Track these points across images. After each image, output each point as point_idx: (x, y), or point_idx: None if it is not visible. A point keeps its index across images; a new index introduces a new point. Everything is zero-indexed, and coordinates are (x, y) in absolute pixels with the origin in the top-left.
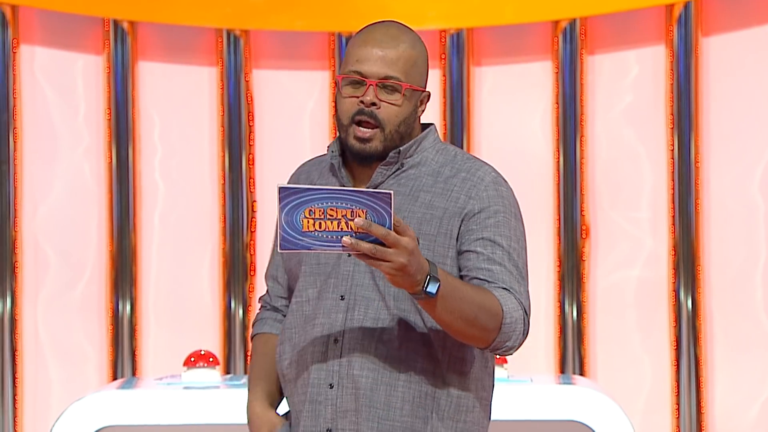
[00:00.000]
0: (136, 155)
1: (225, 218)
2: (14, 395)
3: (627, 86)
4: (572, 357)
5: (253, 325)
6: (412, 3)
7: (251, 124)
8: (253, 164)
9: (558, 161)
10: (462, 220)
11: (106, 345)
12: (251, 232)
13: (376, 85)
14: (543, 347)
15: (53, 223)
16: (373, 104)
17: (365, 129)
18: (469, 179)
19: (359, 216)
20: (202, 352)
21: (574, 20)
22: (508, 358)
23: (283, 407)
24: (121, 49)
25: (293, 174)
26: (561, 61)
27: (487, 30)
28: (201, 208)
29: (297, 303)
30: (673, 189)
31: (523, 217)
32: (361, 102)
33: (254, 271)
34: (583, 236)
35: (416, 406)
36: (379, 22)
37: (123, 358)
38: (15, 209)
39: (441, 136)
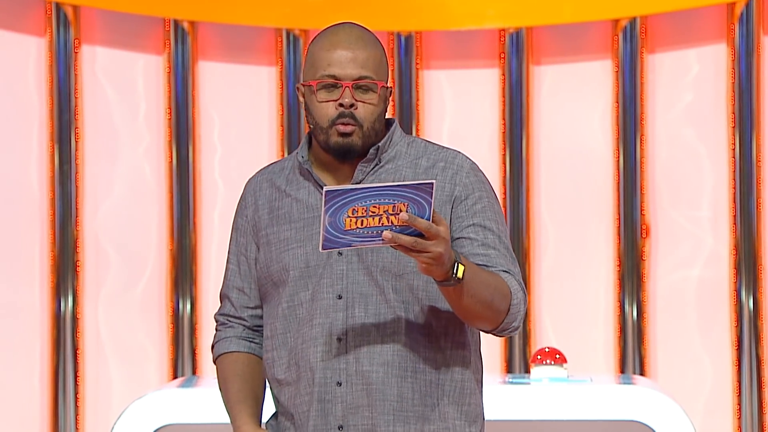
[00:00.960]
0: (196, 155)
1: None
2: (76, 394)
3: (687, 85)
4: (632, 357)
5: (214, 346)
6: (472, 2)
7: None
8: None
9: (618, 160)
10: (451, 208)
11: (166, 344)
12: None
13: (352, 86)
14: (603, 347)
15: (114, 223)
16: (352, 105)
17: (346, 125)
18: (449, 167)
19: (401, 210)
20: None
21: (635, 19)
22: (567, 358)
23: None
24: (181, 49)
25: (249, 186)
26: (621, 60)
27: (546, 29)
28: None
29: (288, 308)
30: (734, 188)
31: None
32: (340, 105)
33: None
34: (644, 236)
35: (425, 395)
36: (337, 24)
37: (183, 357)
38: (77, 209)
39: (499, 137)
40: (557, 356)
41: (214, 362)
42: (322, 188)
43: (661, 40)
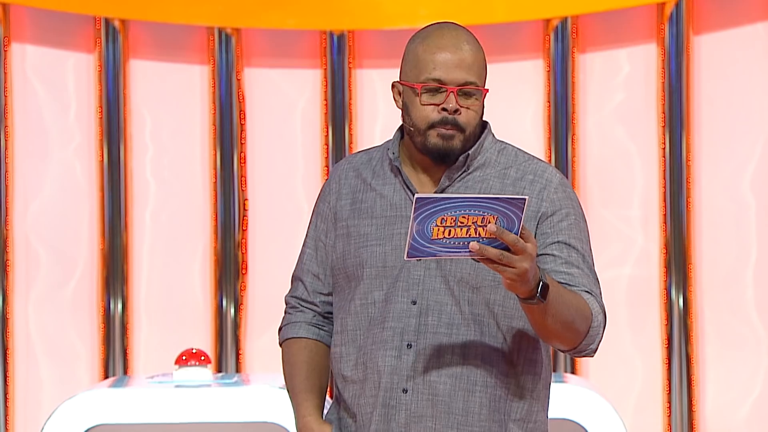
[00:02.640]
0: (127, 154)
1: (216, 216)
2: (5, 394)
3: (618, 85)
4: (564, 355)
5: (282, 329)
6: (404, 1)
7: (243, 123)
8: (244, 163)
9: (549, 159)
10: (537, 223)
11: (97, 343)
12: (243, 230)
13: (456, 91)
14: None
15: (44, 222)
16: (456, 111)
17: (449, 129)
18: (537, 181)
19: (490, 222)
20: (194, 351)
21: (566, 18)
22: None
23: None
24: (112, 48)
25: (336, 172)
26: (552, 59)
27: (478, 28)
28: (192, 206)
29: (361, 305)
30: (665, 187)
31: (585, 216)
32: (444, 110)
33: (245, 269)
34: None
35: (492, 411)
36: (441, 24)
37: (114, 357)
38: (6, 207)
39: None
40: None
41: (281, 345)
42: (408, 187)
43: (592, 40)
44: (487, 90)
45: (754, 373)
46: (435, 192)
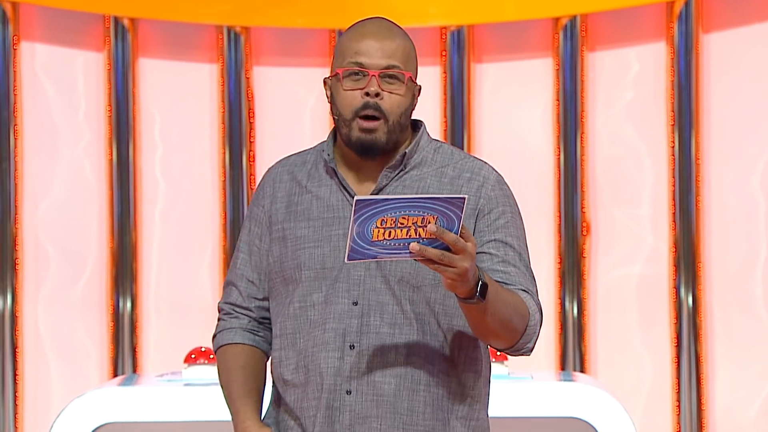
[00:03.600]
0: (136, 152)
1: (225, 215)
2: (15, 392)
3: (628, 83)
4: (573, 354)
5: (216, 335)
6: (413, 0)
7: (252, 121)
8: (253, 161)
9: (558, 158)
10: (475, 221)
11: (106, 342)
12: None
13: (378, 75)
14: (543, 344)
15: (54, 220)
16: (377, 94)
17: (370, 122)
18: (474, 179)
19: (430, 222)
20: (203, 349)
21: (575, 17)
22: (508, 355)
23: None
24: (121, 46)
25: (269, 175)
26: (562, 58)
27: (487, 27)
28: (201, 204)
29: (300, 308)
30: (674, 186)
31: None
32: (366, 94)
33: None
34: (584, 233)
35: (436, 409)
36: (369, 18)
37: (124, 355)
38: (16, 206)
39: (441, 134)
40: (498, 353)
41: (215, 352)
42: (345, 188)
43: (602, 39)
44: (412, 76)
45: (763, 371)
46: (373, 192)
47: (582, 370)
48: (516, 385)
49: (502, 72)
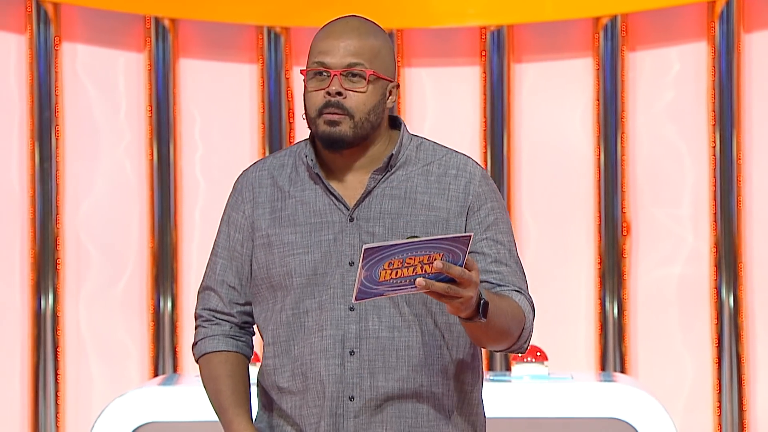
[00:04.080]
0: (177, 152)
1: None
2: (56, 392)
3: (668, 83)
4: (613, 354)
5: (197, 343)
6: (453, 0)
7: (291, 122)
8: None
9: (599, 158)
10: (465, 219)
11: (147, 341)
12: None
13: (341, 74)
14: (583, 345)
15: (95, 220)
16: (339, 93)
17: (333, 115)
18: (461, 176)
19: (436, 259)
20: None
21: (616, 17)
22: (548, 356)
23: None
24: (162, 47)
25: (246, 180)
26: (602, 57)
27: (527, 27)
28: None
29: (293, 315)
30: (715, 186)
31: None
32: (327, 93)
33: None
34: (624, 233)
35: (439, 409)
36: (341, 17)
37: (164, 355)
38: (57, 206)
39: (480, 134)
40: (538, 354)
41: (197, 361)
42: (332, 193)
43: (642, 38)
44: (376, 73)
45: None
46: (362, 196)
47: (622, 371)
48: (556, 386)
49: (542, 72)
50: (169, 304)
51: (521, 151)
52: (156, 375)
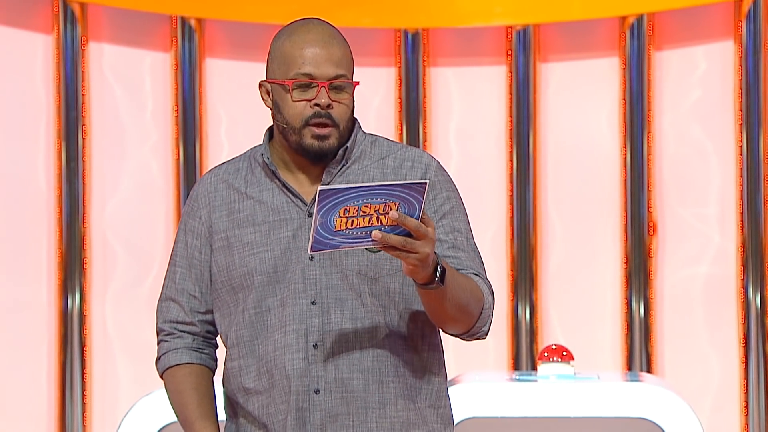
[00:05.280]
0: (203, 152)
1: None
2: (83, 391)
3: (695, 82)
4: (639, 354)
5: (161, 357)
6: (478, 0)
7: None
8: None
9: (625, 158)
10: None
11: None
12: None
13: (327, 86)
14: (610, 344)
15: (121, 220)
16: (328, 105)
17: (323, 128)
18: (417, 167)
19: (392, 209)
20: None
21: (642, 16)
22: (575, 355)
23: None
24: (188, 46)
25: (201, 187)
26: (628, 57)
27: (553, 26)
28: None
29: (256, 314)
30: (742, 185)
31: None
32: (316, 105)
33: None
34: (651, 233)
35: (407, 399)
36: (305, 20)
37: None
38: (84, 206)
39: (506, 134)
40: (564, 353)
41: (161, 375)
42: (288, 190)
43: (669, 37)
44: (357, 83)
45: None
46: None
47: (649, 371)
48: (582, 386)
49: (568, 71)
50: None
51: (547, 151)
52: None
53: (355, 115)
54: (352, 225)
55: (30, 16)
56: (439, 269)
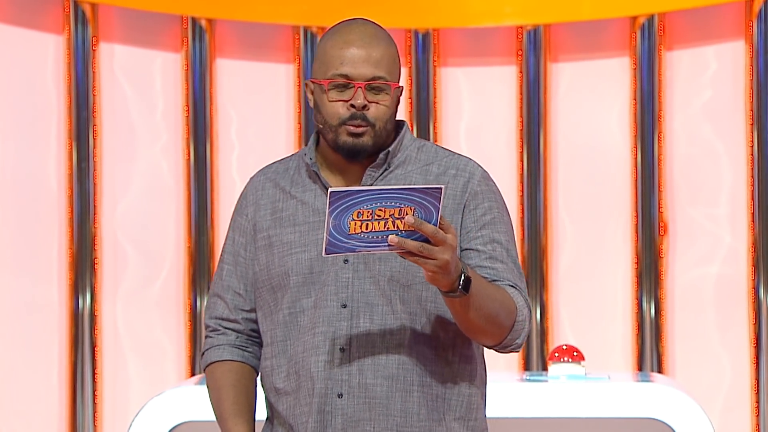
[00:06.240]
0: (213, 152)
1: None
2: (94, 391)
3: (706, 82)
4: (650, 354)
5: (205, 353)
6: (488, 0)
7: None
8: None
9: (636, 158)
10: (461, 216)
11: (184, 341)
12: None
13: (364, 87)
14: (621, 345)
15: (132, 220)
16: (364, 106)
17: (358, 127)
18: (460, 175)
19: (407, 213)
20: None
21: (653, 16)
22: (585, 356)
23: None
24: (199, 47)
25: (250, 185)
26: (639, 57)
27: (564, 26)
28: None
29: (290, 314)
30: (753, 185)
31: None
32: (352, 106)
33: None
34: (661, 233)
35: (431, 410)
36: (350, 20)
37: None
38: (94, 206)
39: (517, 134)
40: (575, 354)
41: (204, 370)
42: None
43: (680, 37)
44: (399, 85)
45: None
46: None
47: (659, 371)
48: (593, 386)
49: (579, 71)
50: (206, 304)
51: (558, 151)
52: (193, 374)
53: (403, 120)
54: (366, 228)
55: (41, 16)
56: (462, 277)
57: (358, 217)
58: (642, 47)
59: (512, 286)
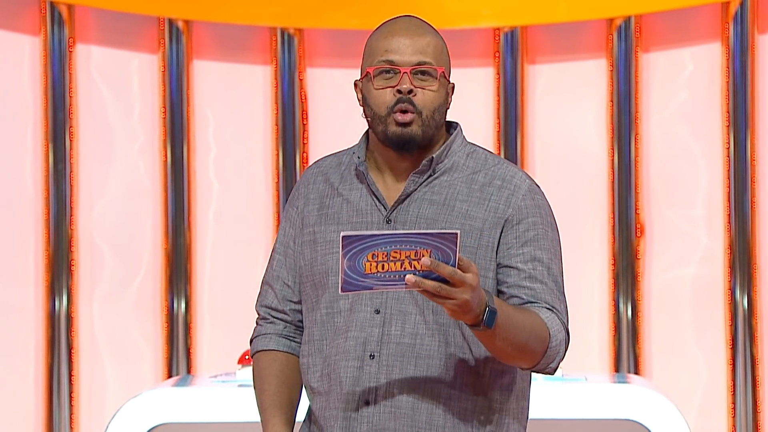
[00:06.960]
0: (190, 154)
1: (278, 216)
2: (70, 393)
3: (682, 84)
4: (627, 356)
5: (253, 340)
6: (466, 1)
7: (305, 123)
8: (306, 163)
9: (612, 159)
10: (501, 231)
11: (161, 342)
12: None
13: (410, 72)
14: (597, 346)
15: (109, 221)
16: (410, 91)
17: (405, 114)
18: (505, 187)
19: (423, 255)
20: None
21: (629, 18)
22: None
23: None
24: (176, 48)
25: (305, 176)
26: (616, 58)
27: (541, 28)
28: (255, 206)
29: (327, 314)
30: (729, 187)
31: (557, 225)
32: (398, 91)
33: None
34: (638, 234)
35: (458, 423)
36: (398, 16)
37: (178, 356)
38: (71, 207)
39: (494, 136)
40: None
41: (252, 357)
42: (373, 193)
43: (656, 39)
44: (444, 71)
45: None
46: (399, 198)
47: (636, 372)
48: (570, 387)
49: (556, 73)
50: (183, 305)
51: (534, 153)
52: (170, 376)
53: (456, 122)
54: (382, 269)
55: (17, 17)
56: (487, 311)
57: (372, 258)
58: (619, 49)
59: (549, 308)
